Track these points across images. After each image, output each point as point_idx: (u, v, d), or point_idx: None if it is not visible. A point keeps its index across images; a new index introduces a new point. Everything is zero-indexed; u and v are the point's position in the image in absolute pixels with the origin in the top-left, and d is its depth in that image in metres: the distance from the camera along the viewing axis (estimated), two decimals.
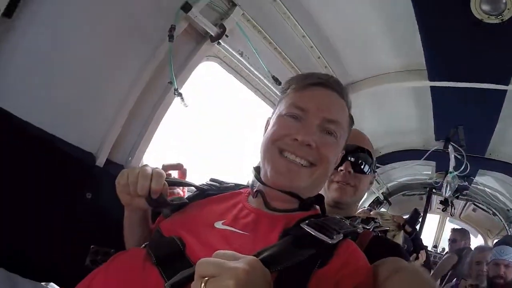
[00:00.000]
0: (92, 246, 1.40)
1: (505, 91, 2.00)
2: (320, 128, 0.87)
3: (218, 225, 0.84)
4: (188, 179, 1.11)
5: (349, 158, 1.30)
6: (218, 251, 0.57)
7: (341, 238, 0.76)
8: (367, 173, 1.34)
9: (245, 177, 2.21)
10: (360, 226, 1.03)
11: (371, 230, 1.33)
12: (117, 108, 1.45)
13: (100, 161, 1.44)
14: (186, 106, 1.60)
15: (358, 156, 1.33)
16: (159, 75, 1.52)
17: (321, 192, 0.99)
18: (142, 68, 1.45)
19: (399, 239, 2.68)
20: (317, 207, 0.97)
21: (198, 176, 1.61)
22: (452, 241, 4.44)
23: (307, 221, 0.79)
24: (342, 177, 1.30)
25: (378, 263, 0.79)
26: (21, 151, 1.22)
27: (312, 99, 0.89)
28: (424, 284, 0.70)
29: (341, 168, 1.29)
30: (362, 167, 1.33)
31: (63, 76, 1.28)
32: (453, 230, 4.67)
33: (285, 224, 0.82)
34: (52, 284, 1.13)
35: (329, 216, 0.88)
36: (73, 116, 1.36)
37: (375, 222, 1.49)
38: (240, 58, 1.76)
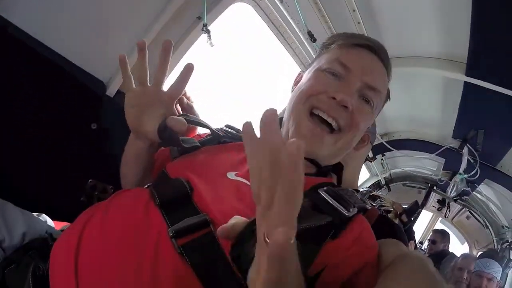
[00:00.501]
0: (90, 180, 1.33)
1: None
2: (360, 92, 0.82)
3: (231, 175, 0.79)
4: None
5: None
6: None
7: (355, 212, 0.72)
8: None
9: None
10: (368, 202, 1.02)
11: (376, 208, 1.34)
12: (138, 35, 1.36)
13: (111, 91, 1.37)
14: (212, 46, 1.53)
15: None
16: (189, 7, 1.44)
17: None
18: None
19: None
20: (333, 175, 0.94)
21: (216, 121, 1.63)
22: (432, 242, 4.47)
23: (325, 188, 0.75)
24: None
25: (379, 243, 0.76)
26: (27, 71, 1.15)
27: (358, 59, 0.84)
28: (431, 275, 0.63)
29: None
30: None
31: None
32: (435, 231, 4.68)
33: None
34: (43, 215, 1.05)
35: (343, 188, 0.82)
36: (88, 40, 1.27)
37: (381, 200, 1.50)
38: (279, 5, 1.67)
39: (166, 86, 0.89)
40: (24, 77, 1.15)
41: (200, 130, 1.16)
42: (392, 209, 2.54)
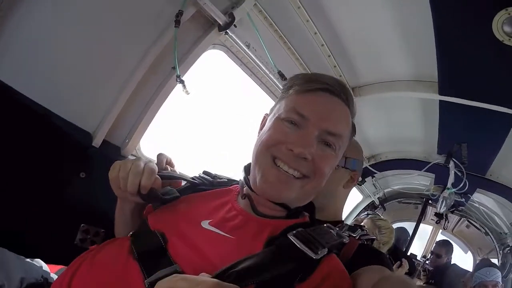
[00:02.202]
0: (82, 225, 1.39)
1: None
2: (319, 138, 0.81)
3: (205, 224, 0.82)
4: (182, 169, 1.12)
5: None
6: (176, 275, 0.57)
7: (325, 253, 0.72)
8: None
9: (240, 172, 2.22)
10: (347, 234, 1.00)
11: (357, 238, 1.31)
12: (118, 89, 1.44)
13: (97, 142, 1.44)
14: (188, 94, 1.56)
15: None
16: (163, 60, 1.50)
17: None
18: (146, 51, 1.43)
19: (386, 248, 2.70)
20: (306, 214, 0.94)
21: (192, 167, 1.61)
22: (436, 255, 4.30)
23: (294, 232, 0.75)
24: None
25: (361, 271, 0.78)
26: (17, 126, 1.22)
27: (314, 106, 0.83)
28: None
29: None
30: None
31: (66, 54, 1.27)
32: (438, 243, 4.51)
33: (271, 231, 0.80)
34: (38, 260, 1.13)
35: (317, 226, 0.83)
36: (74, 95, 1.36)
37: (362, 230, 1.48)
38: (247, 50, 1.71)
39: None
40: (14, 132, 1.22)
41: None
42: (375, 237, 2.52)
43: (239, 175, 0.96)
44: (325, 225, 0.86)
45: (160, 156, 1.01)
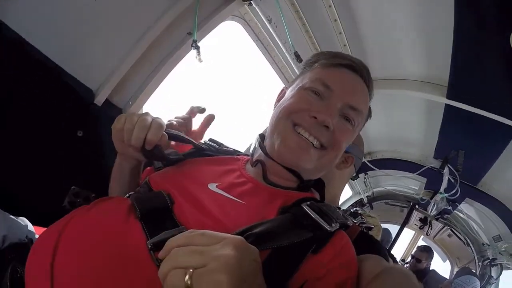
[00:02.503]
0: (73, 187, 1.31)
1: None
2: (341, 112, 0.83)
3: (212, 187, 0.79)
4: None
5: None
6: (193, 230, 0.51)
7: (337, 227, 0.73)
8: None
9: (244, 145, 2.22)
10: (350, 219, 1.02)
11: (357, 224, 1.34)
12: (129, 47, 1.37)
13: (99, 100, 1.36)
14: (201, 62, 1.53)
15: None
16: (180, 23, 1.45)
17: None
18: (164, 11, 1.38)
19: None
20: (315, 192, 0.94)
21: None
22: (417, 260, 4.43)
23: (308, 203, 0.76)
24: None
25: (363, 257, 0.77)
26: (16, 71, 1.14)
27: (340, 79, 0.85)
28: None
29: None
30: None
31: (78, 5, 1.20)
32: (420, 248, 4.62)
33: (284, 201, 0.79)
34: (23, 218, 1.05)
35: (326, 203, 0.84)
36: (80, 48, 1.27)
37: (362, 218, 1.51)
38: (267, 25, 1.68)
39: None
40: (12, 77, 1.14)
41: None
42: (373, 226, 2.55)
43: (246, 146, 0.96)
44: (332, 205, 0.86)
45: (194, 108, 1.02)
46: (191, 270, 0.44)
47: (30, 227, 1.02)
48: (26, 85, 1.17)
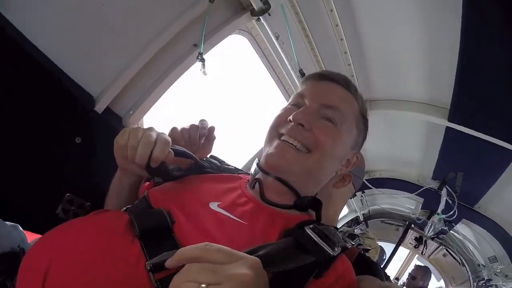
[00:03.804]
0: (67, 194, 1.28)
1: None
2: (319, 114, 0.85)
3: (214, 206, 0.77)
4: None
5: None
6: (209, 244, 0.49)
7: (339, 251, 0.72)
8: None
9: (245, 159, 2.18)
10: (348, 241, 1.01)
11: (355, 246, 1.33)
12: (133, 55, 1.35)
13: (100, 107, 1.33)
14: (205, 75, 1.52)
15: None
16: (187, 34, 1.44)
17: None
18: (172, 21, 1.37)
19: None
20: (312, 212, 0.92)
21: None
22: (412, 278, 4.55)
23: (311, 226, 0.75)
24: None
25: (358, 279, 0.77)
26: (19, 72, 1.12)
27: (312, 87, 0.91)
28: None
29: None
30: None
31: (84, 8, 1.18)
32: (417, 267, 4.76)
33: (284, 223, 0.78)
34: (16, 225, 1.00)
35: (326, 226, 0.82)
36: (84, 52, 1.25)
37: (359, 239, 1.50)
38: (275, 41, 1.68)
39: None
40: (14, 79, 1.11)
41: None
42: (369, 248, 2.53)
43: (245, 163, 0.95)
44: (331, 227, 0.85)
45: (203, 122, 1.04)
46: (203, 285, 0.43)
47: (23, 235, 0.98)
48: (26, 84, 1.14)
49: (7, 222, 0.96)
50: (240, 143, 2.47)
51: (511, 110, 1.74)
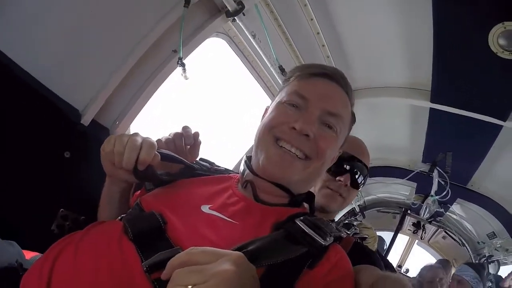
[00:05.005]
0: (61, 210, 1.29)
1: (501, 126, 2.03)
2: (320, 120, 0.83)
3: (205, 208, 0.78)
4: None
5: (346, 167, 1.27)
6: (193, 248, 0.51)
7: (332, 241, 0.73)
8: (360, 188, 1.32)
9: (231, 161, 2.18)
10: (343, 230, 1.01)
11: (351, 235, 1.33)
12: (115, 66, 1.36)
13: (86, 120, 1.34)
14: (187, 79, 1.52)
15: (357, 170, 1.29)
16: (165, 41, 1.45)
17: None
18: (149, 29, 1.37)
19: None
20: (306, 205, 0.94)
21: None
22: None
23: (301, 218, 0.76)
24: (337, 187, 1.27)
25: (359, 268, 0.78)
26: (4, 96, 1.11)
27: (314, 88, 0.86)
28: None
29: (341, 178, 1.26)
30: (358, 182, 1.30)
31: (64, 21, 1.18)
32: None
33: (276, 218, 0.78)
34: (13, 242, 1.00)
35: (318, 217, 0.84)
36: (66, 67, 1.25)
37: (355, 228, 1.50)
38: (252, 40, 1.69)
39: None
40: (4, 106, 1.12)
41: None
42: (366, 236, 2.53)
43: (234, 165, 0.94)
44: (324, 218, 0.86)
45: (187, 129, 1.02)
46: (190, 287, 0.45)
47: (20, 251, 0.99)
48: (11, 103, 1.14)
49: (3, 240, 0.97)
50: (228, 144, 2.47)
51: (489, 84, 1.78)
